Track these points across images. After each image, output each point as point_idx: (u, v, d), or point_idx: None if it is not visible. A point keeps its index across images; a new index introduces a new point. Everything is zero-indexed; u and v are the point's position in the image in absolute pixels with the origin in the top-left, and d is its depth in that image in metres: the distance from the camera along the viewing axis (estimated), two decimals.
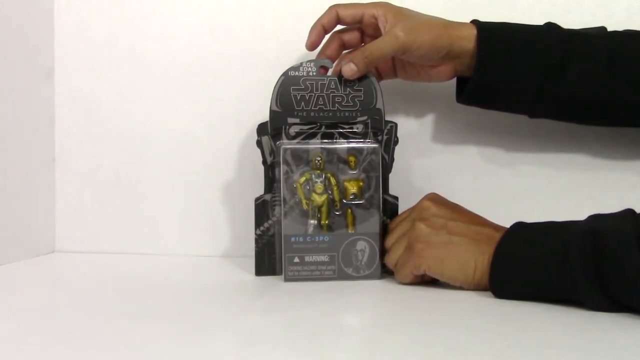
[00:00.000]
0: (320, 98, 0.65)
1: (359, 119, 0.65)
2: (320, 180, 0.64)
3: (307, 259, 0.63)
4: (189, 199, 0.76)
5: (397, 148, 0.66)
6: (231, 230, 0.75)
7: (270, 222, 0.65)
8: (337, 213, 0.64)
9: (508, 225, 0.58)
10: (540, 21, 0.73)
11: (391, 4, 0.64)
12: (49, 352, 0.44)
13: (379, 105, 0.65)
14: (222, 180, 0.75)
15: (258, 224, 0.65)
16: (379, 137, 0.65)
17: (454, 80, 0.70)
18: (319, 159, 0.63)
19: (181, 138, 0.76)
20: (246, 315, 0.53)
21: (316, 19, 0.66)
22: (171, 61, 0.75)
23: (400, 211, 0.66)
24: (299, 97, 0.65)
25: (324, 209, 0.64)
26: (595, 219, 0.55)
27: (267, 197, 0.65)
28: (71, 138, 0.77)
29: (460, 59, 0.63)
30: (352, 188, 0.64)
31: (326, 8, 0.73)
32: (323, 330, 0.49)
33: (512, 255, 0.56)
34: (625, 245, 0.49)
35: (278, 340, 0.46)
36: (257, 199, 0.65)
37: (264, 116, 0.65)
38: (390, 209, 0.66)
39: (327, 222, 0.64)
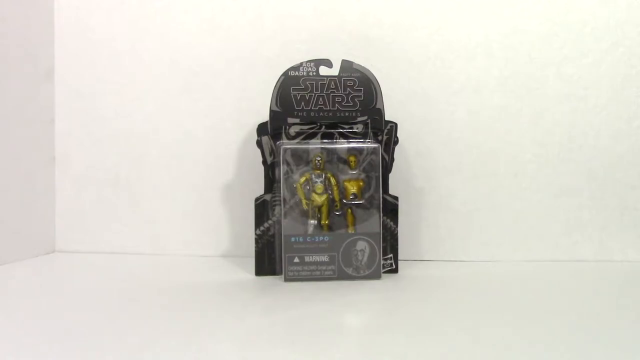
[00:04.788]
0: (320, 98, 0.65)
1: (359, 119, 0.65)
2: (320, 180, 0.64)
3: (307, 259, 0.63)
4: (189, 199, 0.76)
5: (397, 148, 0.66)
6: (231, 230, 0.75)
7: (270, 222, 0.65)
8: (337, 213, 0.64)
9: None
10: (540, 21, 0.73)
11: None
12: (49, 353, 0.44)
13: (379, 105, 0.65)
14: (222, 180, 0.75)
15: (258, 224, 0.65)
16: (379, 137, 0.65)
17: (453, 81, 0.70)
18: (319, 159, 0.63)
19: (181, 138, 0.76)
20: (246, 315, 0.53)
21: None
22: (171, 61, 0.75)
23: (400, 211, 0.66)
24: (299, 97, 0.65)
25: (324, 209, 0.64)
26: None
27: (267, 197, 0.65)
28: (71, 138, 0.77)
29: None
30: (352, 188, 0.64)
31: (326, 9, 0.74)
32: (323, 330, 0.49)
33: None
34: None
35: (278, 340, 0.46)
36: (257, 199, 0.65)
37: (264, 116, 0.66)
38: (390, 209, 0.66)
39: (327, 222, 0.64)
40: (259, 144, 0.65)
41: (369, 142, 0.65)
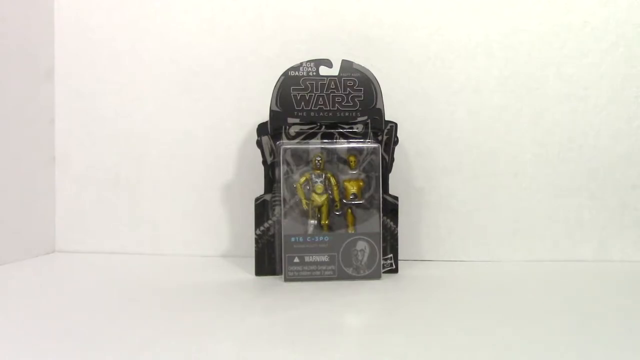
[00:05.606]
0: (320, 98, 0.65)
1: (359, 119, 0.65)
2: (320, 180, 0.64)
3: (307, 259, 0.63)
4: (189, 199, 0.76)
5: (397, 148, 0.66)
6: (231, 230, 0.75)
7: (270, 222, 0.65)
8: (337, 213, 0.64)
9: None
10: (540, 21, 0.73)
11: None
12: (49, 353, 0.44)
13: (379, 105, 0.65)
14: (222, 180, 0.75)
15: (258, 224, 0.65)
16: (379, 137, 0.65)
17: (453, 81, 0.70)
18: (319, 159, 0.63)
19: (181, 138, 0.76)
20: (246, 315, 0.53)
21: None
22: (171, 61, 0.75)
23: (400, 211, 0.66)
24: (299, 97, 0.65)
25: (324, 209, 0.64)
26: None
27: (267, 197, 0.65)
28: (71, 138, 0.77)
29: None
30: (352, 188, 0.64)
31: (326, 9, 0.74)
32: (323, 330, 0.49)
33: None
34: None
35: (278, 340, 0.46)
36: (257, 199, 0.65)
37: (264, 116, 0.66)
38: (390, 209, 0.66)
39: (327, 222, 0.64)
40: (259, 144, 0.65)
41: (369, 142, 0.65)
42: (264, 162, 0.65)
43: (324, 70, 0.65)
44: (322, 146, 0.64)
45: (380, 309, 0.56)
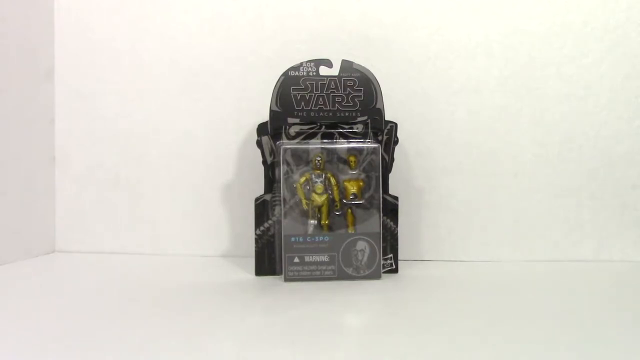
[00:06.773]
0: (320, 98, 0.65)
1: (359, 119, 0.65)
2: (320, 180, 0.64)
3: (307, 259, 0.63)
4: (189, 199, 0.76)
5: (397, 148, 0.66)
6: (231, 230, 0.75)
7: (270, 222, 0.65)
8: (337, 213, 0.64)
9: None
10: (540, 21, 0.73)
11: None
12: (49, 353, 0.44)
13: (379, 105, 0.65)
14: (222, 180, 0.75)
15: (258, 224, 0.65)
16: (379, 137, 0.65)
17: (453, 81, 0.70)
18: (319, 159, 0.63)
19: (181, 138, 0.76)
20: (246, 315, 0.53)
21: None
22: (171, 61, 0.75)
23: (400, 211, 0.66)
24: (299, 97, 0.65)
25: (324, 209, 0.64)
26: None
27: (267, 197, 0.65)
28: (71, 138, 0.77)
29: None
30: (352, 188, 0.64)
31: (326, 9, 0.74)
32: (323, 330, 0.49)
33: None
34: None
35: (278, 340, 0.46)
36: (257, 199, 0.65)
37: (264, 116, 0.66)
38: (390, 209, 0.66)
39: (327, 222, 0.64)
40: (259, 144, 0.65)
41: (369, 142, 0.65)
42: (264, 162, 0.65)
43: (324, 70, 0.65)
44: (322, 146, 0.64)
45: (380, 309, 0.56)
